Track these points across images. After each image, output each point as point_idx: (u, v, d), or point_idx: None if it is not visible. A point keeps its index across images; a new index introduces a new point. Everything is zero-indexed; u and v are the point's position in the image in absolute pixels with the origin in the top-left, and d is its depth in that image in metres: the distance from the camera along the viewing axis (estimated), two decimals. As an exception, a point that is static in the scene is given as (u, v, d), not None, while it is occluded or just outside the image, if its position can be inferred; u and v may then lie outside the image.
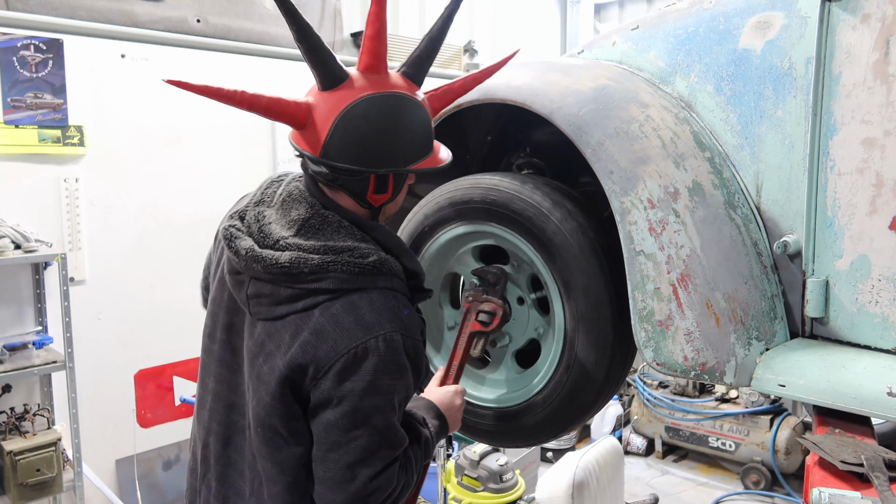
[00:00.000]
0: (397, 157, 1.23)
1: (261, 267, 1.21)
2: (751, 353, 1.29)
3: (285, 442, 1.22)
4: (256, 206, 1.33)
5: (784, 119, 1.34)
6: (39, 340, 2.88)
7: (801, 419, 4.41)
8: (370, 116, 1.20)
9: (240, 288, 1.27)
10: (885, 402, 1.14)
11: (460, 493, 3.32)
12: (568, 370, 1.48)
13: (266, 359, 1.22)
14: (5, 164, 2.89)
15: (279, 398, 1.20)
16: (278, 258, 1.20)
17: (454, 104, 1.64)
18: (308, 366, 1.18)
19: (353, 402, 1.17)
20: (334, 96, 1.20)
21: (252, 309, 1.25)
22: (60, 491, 2.76)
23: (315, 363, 1.17)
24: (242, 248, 1.24)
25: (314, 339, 1.18)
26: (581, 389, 1.48)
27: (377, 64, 1.22)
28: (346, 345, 1.17)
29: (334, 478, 1.19)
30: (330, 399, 1.18)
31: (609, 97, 1.44)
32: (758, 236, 1.37)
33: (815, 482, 1.06)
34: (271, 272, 1.20)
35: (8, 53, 2.84)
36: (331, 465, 1.19)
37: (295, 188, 1.30)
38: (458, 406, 1.48)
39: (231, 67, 3.51)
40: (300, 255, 1.20)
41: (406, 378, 1.22)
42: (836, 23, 1.27)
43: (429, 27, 1.31)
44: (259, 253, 1.22)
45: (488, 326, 1.57)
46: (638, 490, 4.40)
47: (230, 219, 1.33)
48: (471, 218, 1.59)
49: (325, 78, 1.21)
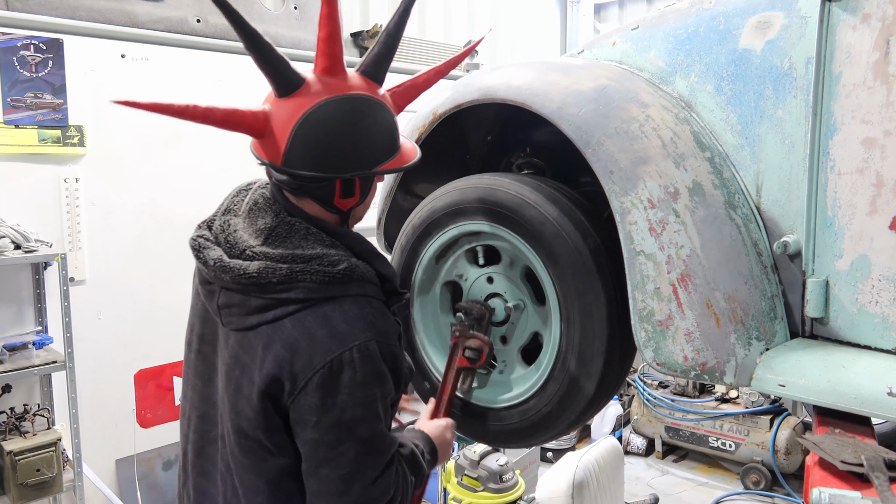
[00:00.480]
0: (361, 160, 1.21)
1: (229, 277, 1.20)
2: (751, 353, 1.29)
3: (269, 453, 1.21)
4: (224, 215, 1.31)
5: (784, 119, 1.34)
6: (39, 340, 2.88)
7: (801, 419, 4.41)
8: (329, 122, 1.17)
9: (211, 298, 1.26)
10: (885, 402, 1.14)
11: (460, 493, 3.32)
12: (566, 369, 1.48)
13: (242, 371, 1.21)
14: (5, 164, 2.89)
15: (261, 412, 1.18)
16: (246, 268, 1.18)
17: (454, 103, 1.64)
18: (284, 381, 1.16)
19: (335, 416, 1.16)
20: (291, 103, 1.17)
21: (224, 319, 1.24)
22: (60, 491, 2.76)
23: (291, 379, 1.16)
24: (211, 258, 1.23)
25: (288, 354, 1.16)
26: (580, 389, 1.48)
27: (333, 66, 1.20)
28: (321, 359, 1.15)
29: (329, 490, 1.18)
30: (311, 415, 1.16)
31: (609, 97, 1.44)
32: (758, 236, 1.37)
33: (815, 482, 1.06)
34: (240, 282, 1.19)
35: (8, 53, 2.84)
36: (324, 479, 1.18)
37: (261, 196, 1.28)
38: (448, 440, 1.50)
39: (231, 67, 3.51)
40: (268, 264, 1.18)
41: (386, 385, 1.21)
42: (836, 23, 1.27)
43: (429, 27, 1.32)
44: (227, 263, 1.20)
45: (475, 363, 1.59)
46: (638, 490, 4.40)
47: (198, 229, 1.33)
48: (470, 218, 1.59)
49: (280, 85, 1.18)
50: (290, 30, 3.74)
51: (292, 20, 3.80)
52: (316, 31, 1.19)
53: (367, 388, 1.17)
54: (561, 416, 1.53)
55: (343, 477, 1.17)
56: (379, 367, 1.18)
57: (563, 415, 1.52)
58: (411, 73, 1.39)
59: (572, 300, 1.45)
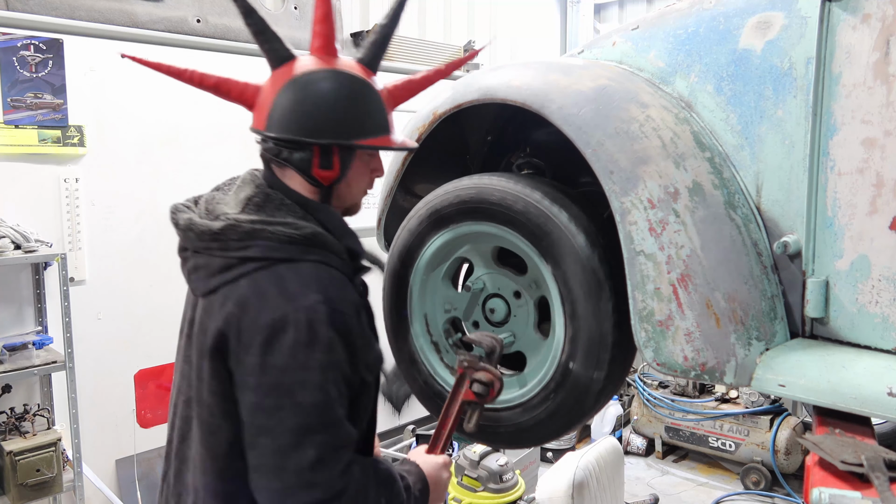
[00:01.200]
0: (339, 129, 1.22)
1: (194, 235, 1.22)
2: (751, 353, 1.29)
3: (217, 425, 1.17)
4: (213, 192, 1.36)
5: (784, 119, 1.34)
6: (39, 340, 2.88)
7: (801, 419, 4.41)
8: (312, 87, 1.22)
9: (184, 265, 1.28)
10: (885, 402, 1.14)
11: (460, 493, 3.32)
12: (567, 369, 1.48)
13: (204, 335, 1.19)
14: (5, 164, 2.89)
15: (211, 373, 1.17)
16: (211, 226, 1.20)
17: (454, 104, 1.64)
18: (231, 338, 1.14)
19: (274, 378, 1.11)
20: (280, 72, 1.26)
21: (192, 285, 1.26)
22: (60, 491, 2.76)
23: (237, 335, 1.14)
24: (182, 219, 1.26)
25: (238, 311, 1.14)
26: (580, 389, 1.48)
27: (326, 45, 1.26)
28: (267, 317, 1.12)
29: (266, 465, 1.12)
30: (251, 376, 1.13)
31: (609, 97, 1.44)
32: (758, 236, 1.37)
33: (815, 482, 1.06)
34: (203, 240, 1.20)
35: (8, 53, 2.84)
36: (261, 452, 1.12)
37: (249, 173, 1.32)
38: (444, 480, 1.40)
39: (231, 67, 3.50)
40: (232, 222, 1.19)
41: (334, 353, 1.14)
42: (836, 23, 1.27)
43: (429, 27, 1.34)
44: (195, 223, 1.22)
45: (484, 399, 1.44)
46: (638, 490, 4.40)
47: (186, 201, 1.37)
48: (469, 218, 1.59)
49: (273, 58, 1.26)
50: (290, 30, 3.74)
51: (292, 20, 3.81)
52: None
53: (310, 352, 1.12)
54: (560, 416, 1.52)
55: (281, 449, 1.11)
56: (326, 333, 1.13)
57: (562, 416, 1.52)
58: (411, 73, 1.40)
59: (572, 300, 1.45)
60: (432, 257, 1.67)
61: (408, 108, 1.45)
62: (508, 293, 1.64)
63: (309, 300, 1.13)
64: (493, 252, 1.65)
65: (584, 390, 1.47)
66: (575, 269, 1.44)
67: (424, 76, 1.38)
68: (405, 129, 1.80)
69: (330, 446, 1.13)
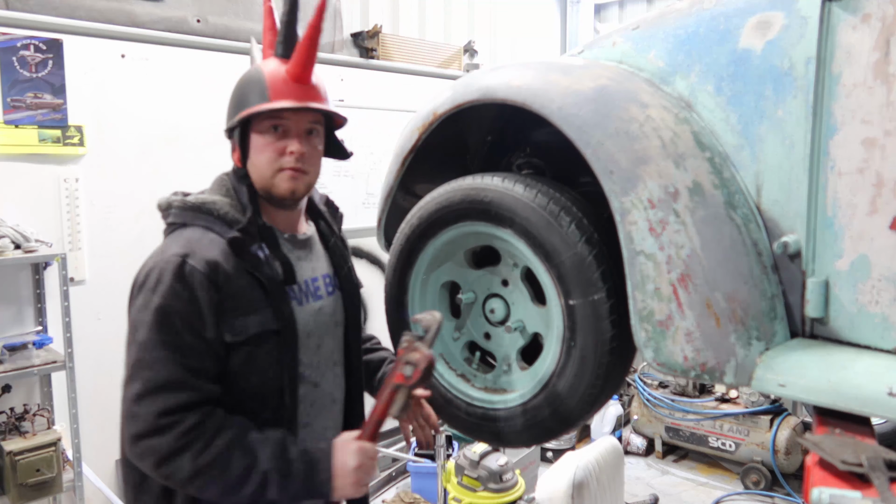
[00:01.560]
0: (229, 113, 1.44)
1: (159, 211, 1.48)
2: (751, 353, 1.29)
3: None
4: None
5: (784, 119, 1.34)
6: (39, 340, 2.88)
7: (801, 419, 4.41)
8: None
9: None
10: (885, 402, 1.14)
11: (460, 493, 3.32)
12: (566, 369, 1.48)
13: None
14: (5, 164, 2.89)
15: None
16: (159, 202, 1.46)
17: (453, 104, 1.64)
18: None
19: (132, 317, 1.33)
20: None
21: None
22: (60, 491, 2.76)
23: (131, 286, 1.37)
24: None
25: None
26: (579, 389, 1.48)
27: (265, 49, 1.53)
28: (141, 269, 1.35)
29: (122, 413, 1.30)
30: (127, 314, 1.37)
31: (609, 97, 1.44)
32: (758, 236, 1.37)
33: (815, 482, 1.06)
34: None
35: (8, 53, 2.84)
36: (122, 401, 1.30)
37: None
38: (351, 467, 1.34)
39: (231, 67, 3.51)
40: (166, 197, 1.45)
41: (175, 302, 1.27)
42: (836, 23, 1.27)
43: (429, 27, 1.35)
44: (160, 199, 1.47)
45: (408, 380, 1.39)
46: (638, 490, 4.40)
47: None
48: (469, 218, 1.59)
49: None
50: (290, 30, 3.74)
51: (292, 20, 3.80)
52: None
53: (152, 296, 1.28)
54: (560, 417, 1.52)
55: (123, 382, 1.30)
56: (170, 282, 1.28)
57: (562, 416, 1.52)
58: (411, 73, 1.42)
59: (571, 300, 1.45)
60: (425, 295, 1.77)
61: (407, 108, 1.45)
62: (498, 287, 1.65)
63: (168, 254, 1.32)
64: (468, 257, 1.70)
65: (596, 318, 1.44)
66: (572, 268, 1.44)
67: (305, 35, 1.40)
68: (405, 130, 1.80)
69: (154, 383, 1.26)
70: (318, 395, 1.52)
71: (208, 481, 1.26)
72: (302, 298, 1.49)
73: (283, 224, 1.51)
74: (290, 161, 1.41)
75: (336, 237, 1.66)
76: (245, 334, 1.35)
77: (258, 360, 1.37)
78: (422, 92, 4.25)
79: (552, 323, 1.53)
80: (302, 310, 1.47)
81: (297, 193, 1.45)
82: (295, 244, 1.53)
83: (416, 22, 4.74)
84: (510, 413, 1.60)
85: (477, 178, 1.61)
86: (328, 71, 3.93)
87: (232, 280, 1.33)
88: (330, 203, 1.72)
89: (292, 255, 1.49)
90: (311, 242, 1.59)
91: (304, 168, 1.44)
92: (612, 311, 1.41)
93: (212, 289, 1.30)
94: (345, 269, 1.64)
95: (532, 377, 1.58)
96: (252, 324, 1.36)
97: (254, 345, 1.36)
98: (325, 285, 1.58)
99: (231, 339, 1.34)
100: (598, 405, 1.55)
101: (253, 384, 1.37)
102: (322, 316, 1.53)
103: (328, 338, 1.56)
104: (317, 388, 1.52)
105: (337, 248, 1.64)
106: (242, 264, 1.36)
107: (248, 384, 1.37)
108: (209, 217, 1.38)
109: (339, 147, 1.60)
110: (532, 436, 1.61)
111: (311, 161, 1.46)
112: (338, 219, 1.70)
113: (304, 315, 1.48)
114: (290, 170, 1.42)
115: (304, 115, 1.42)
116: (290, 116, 1.41)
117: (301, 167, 1.43)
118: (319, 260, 1.59)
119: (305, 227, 1.60)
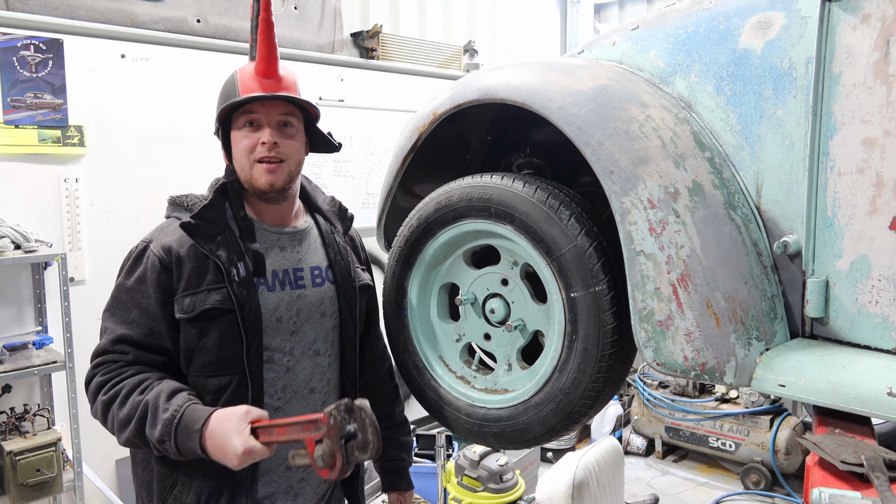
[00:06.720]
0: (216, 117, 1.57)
1: None
2: (751, 353, 1.29)
3: None
4: None
5: (784, 119, 1.34)
6: (39, 340, 2.88)
7: (801, 419, 4.41)
8: None
9: None
10: (885, 402, 1.14)
11: (460, 493, 3.32)
12: (566, 369, 1.48)
13: None
14: (5, 164, 2.89)
15: None
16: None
17: (453, 103, 1.64)
18: None
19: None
20: None
21: None
22: (60, 491, 2.75)
23: None
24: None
25: None
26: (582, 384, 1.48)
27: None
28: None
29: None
30: None
31: (609, 97, 1.44)
32: (758, 236, 1.37)
33: (815, 482, 1.06)
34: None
35: (8, 53, 2.84)
36: None
37: None
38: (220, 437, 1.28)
39: (231, 68, 3.50)
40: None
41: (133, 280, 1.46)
42: (836, 23, 1.27)
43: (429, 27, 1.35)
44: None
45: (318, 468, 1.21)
46: (638, 490, 4.40)
47: None
48: (469, 218, 1.59)
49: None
50: (290, 30, 3.74)
51: (292, 20, 3.80)
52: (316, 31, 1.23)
53: (119, 274, 1.51)
54: (563, 413, 1.52)
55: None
56: (132, 263, 1.49)
57: (565, 412, 1.52)
58: (411, 73, 1.43)
59: (572, 299, 1.45)
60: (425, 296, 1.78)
61: (408, 109, 1.45)
62: (497, 286, 1.65)
63: (140, 240, 1.52)
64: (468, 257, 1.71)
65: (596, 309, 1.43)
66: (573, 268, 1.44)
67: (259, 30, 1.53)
68: (405, 129, 1.80)
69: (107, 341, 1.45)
70: (291, 380, 1.56)
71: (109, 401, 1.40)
72: (275, 285, 1.54)
73: (271, 217, 1.59)
74: (263, 151, 1.48)
75: (338, 234, 1.70)
76: (193, 311, 1.44)
77: (212, 336, 1.45)
78: (422, 92, 4.25)
79: (553, 318, 1.53)
80: (273, 294, 1.53)
81: (275, 186, 1.51)
82: (280, 235, 1.59)
83: (416, 22, 4.74)
84: (512, 412, 1.60)
85: (476, 177, 1.61)
86: (328, 71, 3.94)
87: (184, 262, 1.46)
88: (337, 204, 1.77)
89: (273, 245, 1.57)
90: (302, 235, 1.64)
91: (279, 157, 1.50)
92: (612, 302, 1.42)
93: (163, 271, 1.45)
94: (342, 265, 1.66)
95: (533, 375, 1.58)
96: (201, 301, 1.44)
97: (205, 321, 1.44)
98: (311, 276, 1.62)
99: (181, 315, 1.44)
100: (601, 401, 1.55)
101: (211, 360, 1.45)
102: (303, 304, 1.58)
103: (308, 326, 1.59)
104: (289, 372, 1.55)
105: (335, 244, 1.67)
106: (198, 248, 1.46)
107: (206, 360, 1.45)
108: (181, 209, 1.54)
109: (326, 140, 1.65)
110: (535, 434, 1.61)
111: (286, 151, 1.51)
112: (346, 219, 1.75)
113: (274, 299, 1.53)
114: (265, 162, 1.49)
115: (273, 106, 1.50)
116: (259, 109, 1.49)
117: (274, 156, 1.49)
118: (311, 252, 1.64)
119: (299, 222, 1.65)
